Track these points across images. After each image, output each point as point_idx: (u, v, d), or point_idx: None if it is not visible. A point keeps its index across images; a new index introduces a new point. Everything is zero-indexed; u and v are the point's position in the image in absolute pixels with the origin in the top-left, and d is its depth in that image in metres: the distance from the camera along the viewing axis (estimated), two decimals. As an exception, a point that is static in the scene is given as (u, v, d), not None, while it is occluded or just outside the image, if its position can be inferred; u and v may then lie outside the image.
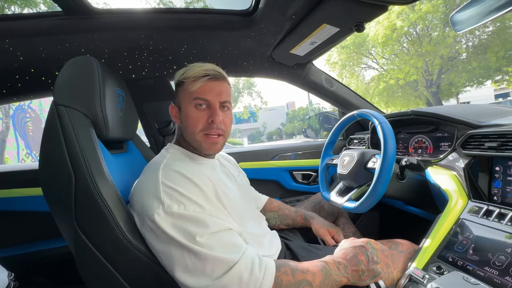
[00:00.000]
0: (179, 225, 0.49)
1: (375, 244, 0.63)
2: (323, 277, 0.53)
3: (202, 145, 0.65)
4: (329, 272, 0.54)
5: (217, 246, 0.49)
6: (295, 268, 0.53)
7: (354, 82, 12.21)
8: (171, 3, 9.27)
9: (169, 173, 0.55)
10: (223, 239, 0.51)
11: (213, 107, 0.63)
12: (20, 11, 4.99)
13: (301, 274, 0.52)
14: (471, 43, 9.54)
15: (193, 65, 0.66)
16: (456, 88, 10.31)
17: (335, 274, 0.55)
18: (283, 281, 0.50)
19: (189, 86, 0.63)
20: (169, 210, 0.50)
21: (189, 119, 0.63)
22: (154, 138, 1.26)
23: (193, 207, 0.51)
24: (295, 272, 0.52)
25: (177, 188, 0.52)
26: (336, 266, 0.56)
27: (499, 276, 0.47)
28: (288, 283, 0.50)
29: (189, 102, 0.63)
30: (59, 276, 1.22)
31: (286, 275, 0.51)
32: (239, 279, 0.47)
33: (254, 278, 0.48)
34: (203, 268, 0.47)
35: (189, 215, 0.50)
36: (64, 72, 0.60)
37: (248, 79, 16.34)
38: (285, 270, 0.52)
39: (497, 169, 0.67)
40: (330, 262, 0.56)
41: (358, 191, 0.84)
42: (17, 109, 7.18)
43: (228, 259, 0.48)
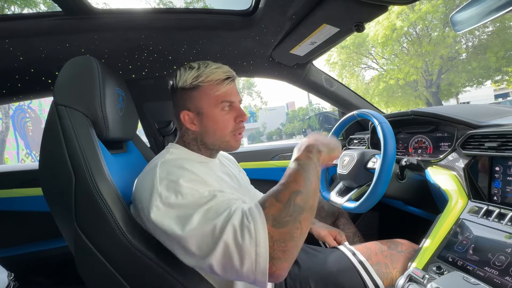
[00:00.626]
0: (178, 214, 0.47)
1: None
2: (305, 174, 0.49)
3: (231, 144, 0.66)
4: (306, 164, 0.51)
5: (215, 215, 0.46)
6: (277, 191, 0.48)
7: (354, 82, 12.21)
8: (171, 3, 9.28)
9: (167, 167, 0.54)
10: (218, 205, 0.48)
11: (238, 108, 0.65)
12: (20, 11, 4.99)
13: (285, 192, 0.47)
14: (471, 43, 9.56)
15: (208, 66, 0.63)
16: (456, 88, 10.32)
17: (312, 162, 0.52)
18: (274, 215, 0.45)
19: (213, 90, 0.62)
20: (166, 202, 0.48)
21: (218, 122, 0.63)
22: (154, 138, 1.26)
23: (191, 193, 0.49)
24: (278, 196, 0.47)
25: (174, 179, 0.51)
26: (306, 155, 0.53)
27: (499, 276, 0.47)
28: (281, 211, 0.45)
29: (215, 105, 0.62)
30: (59, 276, 1.22)
31: (273, 206, 0.46)
32: (233, 238, 0.43)
33: (246, 231, 0.43)
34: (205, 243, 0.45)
35: (187, 202, 0.48)
36: (64, 72, 0.60)
37: (248, 79, 16.34)
38: (270, 202, 0.46)
39: (497, 169, 0.67)
40: (299, 157, 0.53)
41: (358, 191, 0.85)
42: (17, 109, 7.18)
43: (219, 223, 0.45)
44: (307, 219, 0.47)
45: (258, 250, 0.42)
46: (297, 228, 0.45)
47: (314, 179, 0.50)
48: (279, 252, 0.43)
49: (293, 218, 0.45)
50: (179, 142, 0.68)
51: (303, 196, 0.47)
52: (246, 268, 0.43)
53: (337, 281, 0.62)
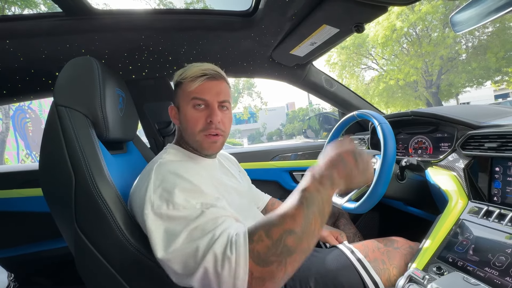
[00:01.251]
0: (166, 228, 0.47)
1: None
2: (305, 211, 0.43)
3: (202, 145, 0.64)
4: (311, 198, 0.44)
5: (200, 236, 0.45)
6: (270, 224, 0.43)
7: (354, 83, 12.22)
8: (171, 3, 9.29)
9: (162, 173, 0.54)
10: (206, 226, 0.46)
11: (212, 107, 0.63)
12: (20, 12, 5.00)
13: (278, 228, 0.42)
14: (471, 44, 9.56)
15: (191, 65, 0.66)
16: (456, 89, 10.32)
17: (319, 197, 0.45)
18: (260, 251, 0.41)
19: (187, 86, 0.63)
20: (158, 211, 0.48)
21: (188, 119, 0.63)
22: (154, 138, 1.26)
23: (182, 205, 0.48)
24: (270, 231, 0.42)
25: (167, 188, 0.50)
26: (315, 186, 0.46)
27: (499, 276, 0.47)
28: (266, 249, 0.41)
29: (187, 102, 0.63)
30: (59, 277, 1.22)
31: (261, 242, 0.42)
32: (213, 262, 0.42)
33: (227, 260, 0.42)
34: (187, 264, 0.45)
35: (177, 215, 0.47)
36: (65, 73, 0.60)
37: (248, 80, 16.36)
38: (259, 236, 0.42)
39: (497, 170, 0.67)
40: (307, 187, 0.46)
41: (358, 192, 0.84)
42: (17, 109, 7.18)
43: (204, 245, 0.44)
44: (296, 261, 0.43)
45: (236, 282, 0.41)
46: (280, 270, 0.41)
47: (316, 219, 0.44)
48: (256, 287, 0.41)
49: (279, 260, 0.41)
50: (175, 141, 0.71)
51: (296, 237, 0.42)
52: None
53: (336, 279, 0.62)
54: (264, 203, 0.96)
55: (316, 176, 0.47)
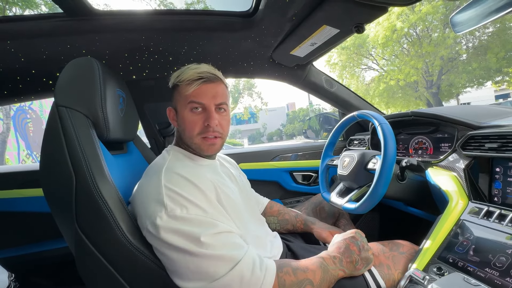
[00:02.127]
0: (182, 229, 0.49)
1: (362, 233, 0.67)
2: (322, 273, 0.55)
3: (201, 147, 0.65)
4: (327, 268, 0.56)
5: (221, 245, 0.49)
6: (297, 268, 0.54)
7: (354, 83, 12.21)
8: (172, 4, 9.31)
9: (172, 176, 0.55)
10: (225, 239, 0.51)
11: (209, 110, 0.63)
12: (21, 12, 5.01)
13: (303, 273, 0.53)
14: (471, 44, 9.55)
15: (187, 67, 0.65)
16: (456, 89, 10.31)
17: (332, 268, 0.57)
18: (286, 281, 0.51)
19: (184, 90, 0.63)
20: (172, 214, 0.49)
21: (186, 123, 0.63)
22: (155, 139, 1.26)
23: (195, 211, 0.51)
24: (296, 271, 0.53)
25: (179, 191, 0.52)
26: (332, 260, 0.58)
27: (499, 277, 0.47)
28: (291, 283, 0.51)
29: (185, 105, 0.63)
30: (60, 277, 1.22)
31: (288, 275, 0.52)
32: (240, 278, 0.47)
33: (255, 278, 0.48)
34: (206, 269, 0.47)
35: (191, 218, 0.50)
36: (65, 73, 0.61)
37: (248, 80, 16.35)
38: (287, 270, 0.53)
39: (498, 170, 0.67)
40: (327, 258, 0.59)
41: (359, 192, 0.84)
42: (18, 110, 7.19)
43: (231, 257, 0.49)
44: None
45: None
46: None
47: (327, 282, 0.55)
48: None
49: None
50: (175, 142, 0.71)
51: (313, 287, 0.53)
52: None
53: (340, 282, 0.62)
54: (263, 206, 0.96)
55: (331, 254, 0.61)
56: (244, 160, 1.35)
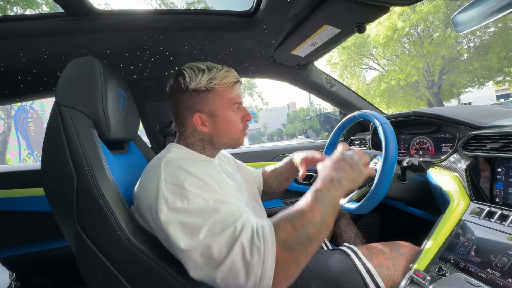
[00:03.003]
0: (184, 221, 0.48)
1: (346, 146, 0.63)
2: (322, 207, 0.49)
3: (239, 141, 0.70)
4: (325, 198, 0.51)
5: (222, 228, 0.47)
6: (293, 217, 0.48)
7: (355, 83, 12.20)
8: (173, 4, 9.31)
9: (171, 169, 0.54)
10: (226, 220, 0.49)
11: (243, 108, 0.69)
12: (22, 12, 5.02)
13: (300, 220, 0.48)
14: (473, 44, 9.53)
15: (219, 69, 0.64)
16: (457, 89, 10.29)
17: (331, 196, 0.52)
18: (286, 239, 0.46)
19: (227, 92, 0.64)
20: (173, 206, 0.49)
21: (231, 123, 0.66)
22: (155, 138, 1.26)
23: (196, 200, 0.50)
24: (293, 221, 0.48)
25: (178, 183, 0.51)
26: (328, 187, 0.53)
27: (501, 278, 0.47)
28: (292, 238, 0.46)
29: (228, 107, 0.65)
30: (60, 276, 1.22)
31: (286, 231, 0.47)
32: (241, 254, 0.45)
33: (256, 251, 0.45)
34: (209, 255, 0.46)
35: (192, 208, 0.49)
36: (66, 73, 0.61)
37: (249, 80, 16.36)
38: (284, 225, 0.47)
39: (499, 170, 0.66)
40: (323, 187, 0.52)
41: (359, 192, 0.84)
42: (19, 109, 7.21)
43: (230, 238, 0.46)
44: (314, 250, 0.48)
45: (264, 272, 0.44)
46: (303, 256, 0.46)
47: (330, 214, 0.50)
48: (281, 273, 0.45)
49: (302, 247, 0.46)
50: (181, 142, 0.68)
51: (316, 228, 0.47)
52: (250, 284, 0.44)
53: (339, 282, 0.62)
54: (261, 178, 0.96)
55: (326, 178, 0.54)
56: (245, 159, 1.35)
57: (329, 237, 1.02)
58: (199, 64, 0.64)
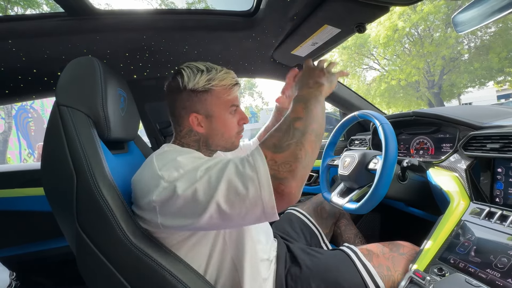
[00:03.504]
0: (184, 179, 0.47)
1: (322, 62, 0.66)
2: (303, 104, 0.51)
3: (235, 144, 0.70)
4: (305, 96, 0.53)
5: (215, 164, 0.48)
6: (276, 126, 0.50)
7: (355, 83, 12.20)
8: (173, 4, 9.31)
9: (163, 155, 0.55)
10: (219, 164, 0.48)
11: (241, 111, 0.69)
12: (23, 12, 5.03)
13: (283, 122, 0.49)
14: (473, 44, 9.52)
15: (218, 70, 0.64)
16: (458, 89, 10.28)
17: (312, 93, 0.54)
18: (275, 143, 0.47)
19: (224, 94, 0.64)
20: (171, 179, 0.48)
21: (228, 125, 0.66)
22: (155, 138, 1.26)
23: (190, 162, 0.50)
24: (277, 128, 0.49)
25: (171, 159, 0.51)
26: (305, 88, 0.56)
27: (501, 278, 0.47)
28: (279, 138, 0.47)
29: (226, 109, 0.65)
30: (60, 276, 1.22)
31: (272, 137, 0.48)
32: (235, 168, 0.45)
33: (246, 162, 0.45)
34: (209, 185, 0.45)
35: (189, 169, 0.49)
36: (66, 73, 0.61)
37: (249, 80, 16.35)
38: (269, 135, 0.49)
39: (499, 171, 0.66)
40: (300, 92, 0.56)
41: (359, 192, 0.84)
42: (20, 109, 7.22)
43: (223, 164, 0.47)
44: (311, 141, 0.47)
45: (259, 176, 0.43)
46: (300, 149, 0.45)
47: (315, 107, 0.51)
48: (285, 173, 0.44)
49: (295, 141, 0.46)
50: (176, 142, 0.67)
51: (302, 121, 0.48)
52: (252, 193, 0.43)
53: (338, 282, 0.62)
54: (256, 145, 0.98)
55: (301, 84, 0.58)
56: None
57: (329, 237, 1.02)
58: (199, 64, 0.64)
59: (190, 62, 0.66)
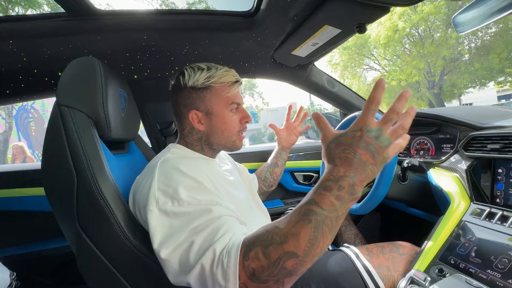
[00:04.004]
0: (170, 223, 0.48)
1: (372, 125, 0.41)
2: (312, 232, 0.36)
3: (236, 143, 0.69)
4: (323, 216, 0.36)
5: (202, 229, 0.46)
6: (269, 242, 0.38)
7: (356, 83, 12.19)
8: (173, 4, 9.32)
9: (166, 169, 0.54)
10: (211, 223, 0.47)
11: (243, 109, 0.69)
12: (23, 12, 5.04)
13: (277, 248, 0.37)
14: (474, 45, 9.52)
15: (218, 69, 0.65)
16: (458, 90, 10.27)
17: (334, 214, 0.37)
18: (255, 270, 0.38)
19: (224, 91, 0.65)
20: (163, 208, 0.49)
21: (227, 123, 0.66)
22: (156, 138, 1.26)
23: (188, 201, 0.49)
24: (268, 250, 0.38)
25: (172, 184, 0.51)
26: (333, 199, 0.37)
27: (501, 279, 0.47)
28: (262, 269, 0.38)
29: (225, 106, 0.65)
30: (61, 276, 1.22)
31: (257, 261, 0.38)
32: (211, 261, 0.42)
33: (220, 265, 0.41)
34: (187, 256, 0.45)
35: (182, 211, 0.48)
36: (67, 73, 0.61)
37: (249, 80, 16.37)
38: (255, 253, 0.39)
39: (500, 171, 0.66)
40: (322, 200, 0.37)
41: (360, 193, 0.84)
42: (20, 109, 7.23)
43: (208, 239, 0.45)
44: (294, 280, 0.40)
45: (228, 285, 0.40)
46: (278, 286, 0.39)
47: (324, 239, 0.37)
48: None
49: (276, 279, 0.38)
50: (181, 142, 0.69)
51: (297, 261, 0.37)
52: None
53: (338, 283, 0.62)
54: (256, 180, 1.00)
55: (333, 184, 0.37)
56: (245, 160, 1.35)
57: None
58: (201, 64, 0.66)
59: (194, 63, 0.68)
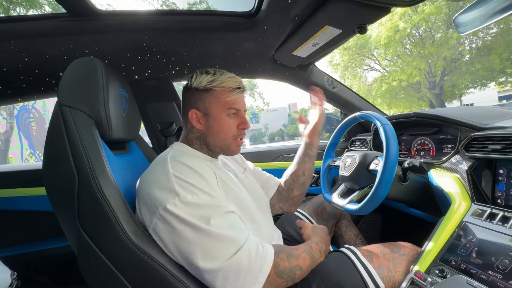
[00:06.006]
0: (195, 213, 0.53)
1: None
2: (310, 261, 0.62)
3: (231, 147, 0.70)
4: (313, 255, 0.63)
5: (228, 226, 0.54)
6: (290, 254, 0.59)
7: (357, 84, 12.18)
8: (174, 4, 9.32)
9: (178, 165, 0.58)
10: (232, 221, 0.56)
11: (242, 116, 0.71)
12: (25, 12, 5.05)
13: (295, 260, 0.58)
14: (475, 45, 9.50)
15: (223, 74, 0.68)
16: (459, 90, 10.26)
17: (317, 256, 0.65)
18: (280, 265, 0.56)
19: (224, 96, 0.67)
20: (185, 200, 0.53)
21: (222, 125, 0.68)
22: (157, 138, 1.26)
23: (203, 196, 0.55)
24: (290, 258, 0.58)
25: (187, 179, 0.56)
26: (318, 250, 0.66)
27: (502, 280, 0.47)
28: (284, 268, 0.56)
29: (223, 110, 0.67)
30: (61, 276, 1.23)
31: (283, 261, 0.56)
32: (248, 256, 0.52)
33: (259, 257, 0.53)
34: (221, 247, 0.51)
35: (202, 203, 0.54)
36: (68, 73, 0.61)
37: (250, 80, 16.36)
38: (282, 256, 0.57)
39: (501, 172, 0.66)
40: (314, 247, 0.66)
41: (360, 193, 0.84)
42: (21, 109, 7.25)
43: (239, 237, 0.53)
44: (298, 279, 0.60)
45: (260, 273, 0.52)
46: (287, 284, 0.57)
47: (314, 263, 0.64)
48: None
49: (287, 279, 0.57)
50: (183, 140, 0.72)
51: (302, 272, 0.59)
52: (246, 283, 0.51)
53: (339, 283, 0.62)
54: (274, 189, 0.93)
55: (320, 244, 0.69)
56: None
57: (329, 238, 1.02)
58: (211, 69, 0.69)
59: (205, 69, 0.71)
